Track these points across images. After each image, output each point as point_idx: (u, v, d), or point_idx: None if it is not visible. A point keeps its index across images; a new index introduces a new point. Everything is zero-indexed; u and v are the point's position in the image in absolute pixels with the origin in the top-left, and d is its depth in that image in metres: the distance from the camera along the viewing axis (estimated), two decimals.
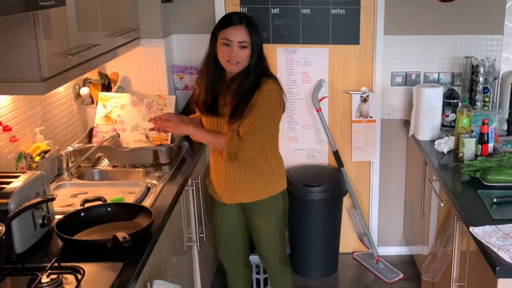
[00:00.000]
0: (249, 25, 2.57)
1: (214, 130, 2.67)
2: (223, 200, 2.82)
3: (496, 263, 1.95)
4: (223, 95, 2.63)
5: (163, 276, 2.41)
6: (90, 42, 2.40)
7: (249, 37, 2.55)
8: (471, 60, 3.57)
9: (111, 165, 2.90)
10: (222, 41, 2.55)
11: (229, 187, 2.75)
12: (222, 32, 2.56)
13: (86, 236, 2.15)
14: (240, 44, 2.53)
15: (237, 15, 2.61)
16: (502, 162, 2.78)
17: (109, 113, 3.03)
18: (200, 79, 2.69)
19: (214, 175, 2.80)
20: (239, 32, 2.54)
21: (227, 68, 2.59)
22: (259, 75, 2.62)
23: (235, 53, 2.53)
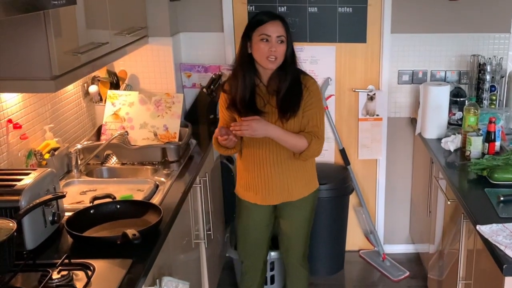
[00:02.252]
0: (284, 21, 2.61)
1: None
2: (266, 202, 2.82)
3: (503, 261, 1.95)
4: (261, 94, 2.64)
5: (172, 273, 2.42)
6: (99, 40, 2.41)
7: (285, 32, 2.57)
8: (478, 59, 3.57)
9: (120, 163, 2.91)
10: (260, 38, 2.54)
11: (277, 188, 2.76)
12: (259, 29, 2.55)
13: (95, 233, 2.16)
14: (278, 38, 2.54)
15: (269, 13, 2.63)
16: (509, 161, 2.77)
17: (117, 111, 3.04)
18: (233, 82, 2.66)
19: (256, 179, 2.77)
20: (276, 27, 2.55)
21: (266, 65, 2.57)
22: (297, 71, 2.66)
23: (275, 47, 2.53)
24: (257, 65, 2.62)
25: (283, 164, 2.72)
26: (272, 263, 3.54)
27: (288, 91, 2.61)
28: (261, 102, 2.63)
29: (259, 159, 2.72)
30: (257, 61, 2.59)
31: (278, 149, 2.69)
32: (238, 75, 2.63)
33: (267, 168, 2.73)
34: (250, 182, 2.79)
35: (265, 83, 2.65)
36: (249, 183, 2.80)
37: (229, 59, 3.68)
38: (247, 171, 2.79)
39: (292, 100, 2.61)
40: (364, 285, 3.80)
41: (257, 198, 2.81)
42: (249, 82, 2.61)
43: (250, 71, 2.62)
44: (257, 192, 2.79)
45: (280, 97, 2.61)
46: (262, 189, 2.78)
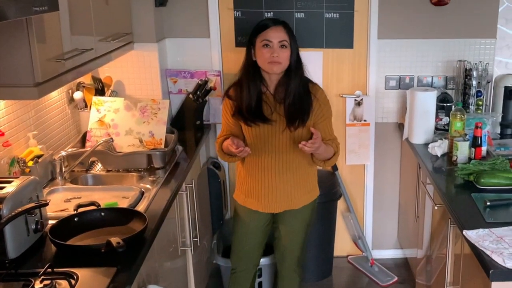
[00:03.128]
0: (286, 26, 2.62)
1: (265, 138, 2.67)
2: (268, 210, 2.82)
3: (490, 266, 1.95)
4: (268, 102, 2.64)
5: (157, 280, 2.40)
6: (83, 46, 2.39)
7: (288, 37, 2.58)
8: (464, 64, 3.58)
9: (105, 170, 2.88)
10: (262, 43, 2.56)
11: (281, 196, 2.76)
12: (261, 35, 2.57)
13: (79, 241, 2.14)
14: (280, 43, 2.55)
15: (272, 19, 2.67)
16: (496, 166, 2.78)
17: (102, 118, 3.02)
18: (238, 89, 2.66)
19: (259, 186, 2.77)
20: (278, 32, 2.57)
21: (269, 69, 2.58)
22: (304, 79, 2.66)
23: (277, 52, 2.54)
24: (263, 72, 2.62)
25: (288, 172, 2.73)
26: (260, 270, 3.52)
27: (296, 100, 2.60)
28: (268, 110, 2.62)
29: (264, 166, 2.72)
30: (261, 66, 2.59)
31: (284, 157, 2.70)
32: (243, 83, 2.63)
33: (272, 176, 2.73)
34: (253, 189, 2.79)
35: (272, 91, 2.65)
36: (252, 190, 2.79)
37: (215, 64, 3.67)
38: (250, 177, 2.78)
39: (301, 109, 2.60)
40: None
41: (258, 205, 2.81)
42: (254, 90, 2.61)
43: (255, 79, 2.61)
44: (260, 199, 2.79)
45: (287, 106, 2.60)
46: (265, 196, 2.77)
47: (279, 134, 2.64)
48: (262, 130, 2.65)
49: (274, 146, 2.67)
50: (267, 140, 2.67)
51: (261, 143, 2.68)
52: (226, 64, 3.73)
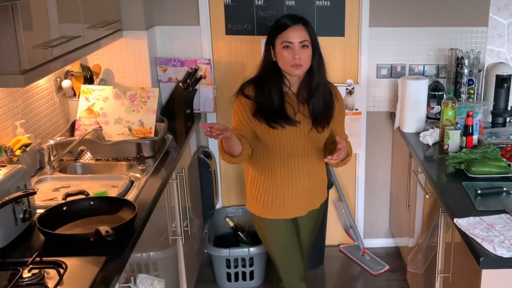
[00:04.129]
0: (306, 23, 2.44)
1: (289, 140, 2.51)
2: (295, 215, 2.68)
3: (480, 254, 1.95)
4: (291, 102, 2.50)
5: (147, 270, 2.40)
6: (71, 34, 2.36)
7: (309, 36, 2.42)
8: (456, 52, 3.57)
9: (94, 159, 2.86)
10: (282, 45, 2.40)
11: (306, 197, 2.65)
12: (280, 36, 2.41)
13: (68, 230, 2.12)
14: (301, 43, 2.40)
15: (290, 16, 2.46)
16: (487, 154, 2.78)
17: (91, 106, 2.99)
18: (257, 90, 2.49)
19: (286, 194, 2.59)
20: (298, 32, 2.40)
21: (291, 73, 2.44)
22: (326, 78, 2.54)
23: (298, 54, 2.38)
24: (284, 72, 2.48)
25: (312, 174, 2.62)
26: (251, 259, 3.52)
27: (320, 100, 2.49)
28: (291, 110, 2.49)
29: (290, 170, 2.56)
30: (282, 69, 2.45)
31: (309, 159, 2.58)
32: (264, 83, 2.48)
33: (298, 179, 2.59)
34: (277, 197, 2.60)
35: (295, 91, 2.51)
36: (276, 198, 2.61)
37: (205, 53, 3.65)
38: (272, 185, 2.59)
39: (326, 109, 2.51)
40: (344, 279, 3.80)
41: (285, 213, 2.64)
42: (276, 90, 2.47)
43: (277, 79, 2.48)
44: (286, 206, 2.62)
45: (313, 106, 2.48)
46: (292, 202, 2.62)
47: (304, 136, 2.51)
48: (287, 132, 2.49)
49: (299, 148, 2.53)
50: (292, 142, 2.51)
51: (286, 145, 2.51)
52: (216, 52, 3.71)
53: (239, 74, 3.75)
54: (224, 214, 3.93)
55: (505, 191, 2.46)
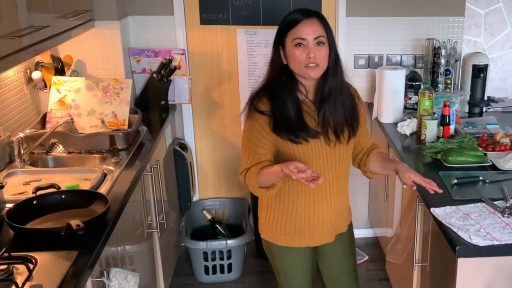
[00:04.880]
0: (321, 17, 2.09)
1: (313, 156, 2.15)
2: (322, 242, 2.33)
3: (456, 243, 1.96)
4: (309, 112, 2.13)
5: (124, 263, 2.37)
6: (39, 23, 2.30)
7: (325, 31, 2.06)
8: (432, 42, 3.57)
9: (66, 152, 2.81)
10: (293, 43, 2.04)
11: (334, 221, 2.31)
12: (291, 33, 2.05)
13: (39, 224, 2.09)
14: (316, 40, 2.04)
15: (301, 10, 2.10)
16: (463, 144, 2.79)
17: (63, 98, 2.93)
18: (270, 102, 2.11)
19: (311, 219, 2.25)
20: (312, 26, 2.04)
21: (306, 75, 2.07)
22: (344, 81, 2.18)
23: (313, 52, 2.02)
24: (297, 76, 2.11)
25: (340, 192, 2.28)
26: (229, 252, 3.49)
27: (338, 107, 2.14)
28: (312, 121, 2.12)
29: (315, 191, 2.20)
30: (295, 71, 2.09)
31: (335, 175, 2.23)
32: (277, 93, 2.11)
33: (325, 201, 2.24)
34: (301, 223, 2.25)
35: (312, 98, 2.15)
36: (299, 224, 2.25)
37: (180, 43, 3.60)
38: (295, 210, 2.23)
39: (348, 117, 2.17)
40: None
41: (310, 240, 2.30)
42: (292, 99, 2.10)
43: (290, 86, 2.11)
44: (311, 232, 2.28)
45: (324, 114, 2.13)
46: (318, 227, 2.27)
47: (330, 149, 2.16)
48: (311, 146, 2.13)
49: (325, 163, 2.17)
50: (317, 157, 2.15)
51: (310, 161, 2.15)
52: (191, 42, 3.67)
53: (215, 64, 3.73)
54: (201, 207, 3.90)
55: (481, 180, 2.46)
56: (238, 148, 3.90)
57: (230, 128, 3.88)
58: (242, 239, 3.51)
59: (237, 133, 3.88)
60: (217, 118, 3.86)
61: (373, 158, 2.31)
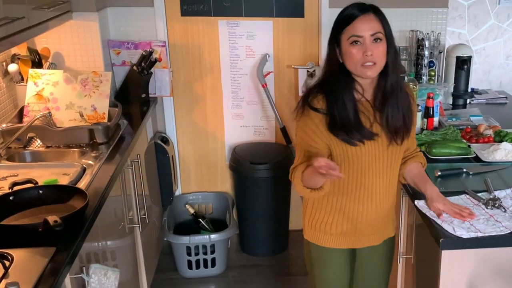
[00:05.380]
0: (378, 11, 2.01)
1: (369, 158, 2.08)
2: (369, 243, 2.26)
3: (440, 235, 1.95)
4: (365, 112, 2.05)
5: (105, 259, 2.34)
6: (14, 15, 2.25)
7: (382, 27, 1.98)
8: (416, 34, 3.56)
9: (44, 146, 2.76)
10: (349, 41, 1.95)
11: (383, 223, 2.26)
12: (347, 30, 1.96)
13: (15, 220, 2.04)
14: (373, 36, 1.95)
15: (357, 5, 2.00)
16: (447, 136, 2.78)
17: (40, 91, 2.87)
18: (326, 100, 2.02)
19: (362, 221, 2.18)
20: (368, 23, 1.95)
21: (363, 74, 1.98)
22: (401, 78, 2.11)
23: (370, 50, 1.93)
24: (354, 75, 2.02)
25: (390, 195, 2.21)
26: (212, 246, 3.47)
27: (399, 106, 2.06)
28: (367, 121, 2.04)
29: (369, 193, 2.14)
30: (351, 70, 2.00)
31: (388, 178, 2.16)
32: (335, 91, 2.02)
33: (378, 203, 2.17)
34: (351, 224, 2.18)
35: (369, 98, 2.07)
36: (349, 226, 2.18)
37: (160, 35, 3.55)
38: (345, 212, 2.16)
39: (405, 116, 2.09)
40: None
41: (356, 242, 2.24)
42: (350, 99, 2.02)
43: (348, 85, 2.02)
44: (361, 234, 2.21)
45: (387, 115, 2.05)
46: (367, 229, 2.21)
47: (383, 150, 2.08)
48: (365, 148, 2.05)
49: (378, 165, 2.09)
50: (371, 159, 2.08)
51: (364, 163, 2.08)
52: (172, 34, 3.62)
53: (196, 57, 3.69)
54: (184, 201, 3.87)
55: (465, 172, 2.45)
56: (221, 141, 3.89)
57: (213, 121, 3.85)
58: (225, 233, 3.49)
59: (219, 126, 3.85)
60: (199, 111, 3.82)
61: (409, 167, 2.24)
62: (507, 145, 2.60)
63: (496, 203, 2.11)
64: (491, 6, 3.72)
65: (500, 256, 1.98)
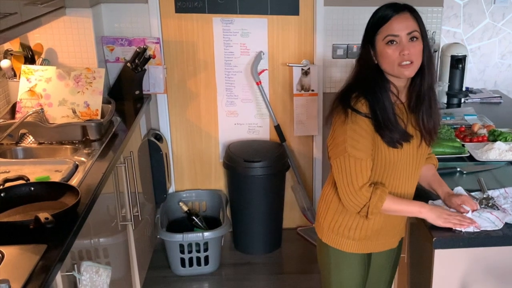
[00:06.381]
0: (413, 10, 1.96)
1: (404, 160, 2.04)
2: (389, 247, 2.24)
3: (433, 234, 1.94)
4: (399, 114, 2.01)
5: (97, 256, 2.33)
6: (6, 10, 2.23)
7: (418, 25, 1.93)
8: None
9: (37, 142, 2.74)
10: (385, 41, 1.91)
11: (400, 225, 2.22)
12: (382, 30, 1.92)
13: (6, 217, 2.03)
14: (410, 35, 1.90)
15: (391, 5, 1.96)
16: (441, 135, 2.77)
17: (33, 87, 2.85)
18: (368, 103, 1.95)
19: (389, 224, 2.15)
20: (404, 21, 1.91)
21: (400, 74, 1.93)
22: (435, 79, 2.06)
23: (407, 49, 1.89)
24: (389, 76, 1.98)
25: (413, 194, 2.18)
26: (206, 244, 3.46)
27: (431, 107, 2.03)
28: (402, 123, 2.00)
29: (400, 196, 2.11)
30: (387, 71, 1.95)
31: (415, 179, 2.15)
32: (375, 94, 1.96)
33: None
34: (373, 230, 2.13)
35: (404, 100, 2.03)
36: (375, 230, 2.14)
37: (154, 31, 3.54)
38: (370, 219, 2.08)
39: (435, 116, 2.05)
40: (302, 262, 3.77)
41: (377, 245, 2.20)
42: (389, 100, 1.96)
43: (384, 87, 1.97)
44: (380, 239, 2.18)
45: (423, 116, 2.02)
46: (390, 232, 2.19)
47: (414, 152, 2.06)
48: (402, 151, 2.01)
49: (409, 168, 2.07)
50: (406, 162, 2.05)
51: (400, 167, 2.05)
52: (166, 31, 3.61)
53: (190, 54, 3.68)
54: (178, 199, 3.86)
55: (458, 171, 2.46)
56: (215, 138, 3.88)
57: (206, 118, 3.84)
58: (219, 231, 3.48)
59: (213, 123, 3.84)
60: (193, 108, 3.81)
61: (424, 168, 2.21)
62: (501, 145, 2.61)
63: (490, 202, 2.11)
64: (486, 5, 3.72)
65: (492, 255, 1.98)
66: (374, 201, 1.96)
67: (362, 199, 1.97)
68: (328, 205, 2.19)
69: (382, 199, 1.96)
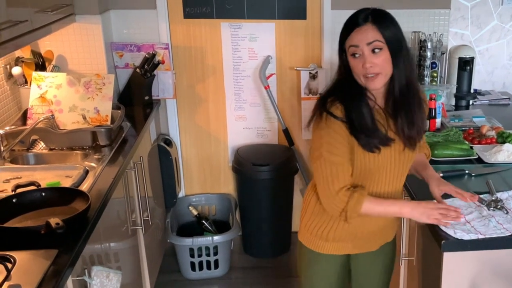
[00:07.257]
0: (377, 19, 1.90)
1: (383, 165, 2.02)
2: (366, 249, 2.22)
3: (442, 237, 1.95)
4: (379, 119, 1.98)
5: (108, 261, 2.34)
6: (17, 18, 2.26)
7: (381, 35, 1.88)
8: (418, 35, 3.55)
9: (47, 148, 2.77)
10: (349, 52, 1.91)
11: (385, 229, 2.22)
12: (347, 41, 1.91)
13: (18, 223, 2.05)
14: (370, 46, 1.86)
15: (364, 12, 1.93)
16: (449, 137, 2.77)
17: (44, 94, 2.88)
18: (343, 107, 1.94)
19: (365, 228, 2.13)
20: (364, 33, 1.88)
21: (367, 85, 1.91)
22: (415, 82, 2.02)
23: (369, 62, 1.86)
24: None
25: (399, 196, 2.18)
26: (215, 247, 3.47)
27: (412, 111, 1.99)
28: (382, 128, 1.97)
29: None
30: (358, 82, 1.94)
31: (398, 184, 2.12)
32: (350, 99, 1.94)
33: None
34: (348, 232, 2.13)
35: (382, 104, 2.00)
36: (349, 233, 2.13)
37: (163, 37, 3.56)
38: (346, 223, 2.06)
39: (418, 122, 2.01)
40: None
41: (354, 247, 2.19)
42: (365, 106, 1.94)
43: (360, 93, 1.94)
44: (356, 241, 2.17)
45: (401, 121, 1.98)
46: (367, 236, 2.17)
47: (396, 157, 2.03)
48: (382, 156, 1.99)
49: (390, 172, 2.05)
50: (386, 167, 2.03)
51: (382, 171, 2.03)
52: (174, 36, 3.63)
53: (199, 59, 3.70)
54: (187, 203, 3.87)
55: (467, 174, 2.45)
56: (224, 142, 3.90)
57: (215, 122, 3.85)
58: (228, 234, 3.49)
59: (222, 128, 3.86)
60: (202, 113, 3.83)
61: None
62: (510, 147, 2.60)
63: (498, 204, 2.11)
64: (494, 7, 3.71)
65: (501, 257, 1.98)
66: (351, 205, 1.95)
67: (340, 203, 1.96)
68: (307, 205, 2.20)
69: (360, 202, 1.95)
